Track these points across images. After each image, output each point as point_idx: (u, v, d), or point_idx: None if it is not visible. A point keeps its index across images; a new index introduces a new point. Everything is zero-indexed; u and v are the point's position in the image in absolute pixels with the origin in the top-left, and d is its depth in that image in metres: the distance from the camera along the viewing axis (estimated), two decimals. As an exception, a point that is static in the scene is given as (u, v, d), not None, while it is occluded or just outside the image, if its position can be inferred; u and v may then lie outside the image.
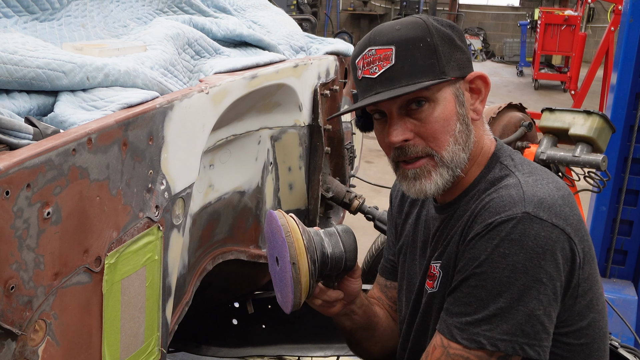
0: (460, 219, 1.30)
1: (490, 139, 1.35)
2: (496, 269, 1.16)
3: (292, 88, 1.79)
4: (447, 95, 1.25)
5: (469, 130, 1.28)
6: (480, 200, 1.25)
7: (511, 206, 1.18)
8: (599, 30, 13.51)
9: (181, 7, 1.76)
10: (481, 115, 1.31)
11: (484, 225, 1.19)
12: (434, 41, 1.23)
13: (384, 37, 1.24)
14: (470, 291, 1.19)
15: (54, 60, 1.04)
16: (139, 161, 1.09)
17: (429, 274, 1.36)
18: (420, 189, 1.28)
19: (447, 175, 1.27)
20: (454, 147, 1.26)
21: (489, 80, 1.31)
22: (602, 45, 6.49)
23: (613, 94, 3.33)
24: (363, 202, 2.20)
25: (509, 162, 1.31)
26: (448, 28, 1.27)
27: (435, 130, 1.24)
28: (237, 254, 1.75)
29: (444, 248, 1.33)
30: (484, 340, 1.16)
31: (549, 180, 1.25)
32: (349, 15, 16.77)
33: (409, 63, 1.22)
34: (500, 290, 1.15)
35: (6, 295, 0.82)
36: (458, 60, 1.26)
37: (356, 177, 2.64)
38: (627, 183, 3.31)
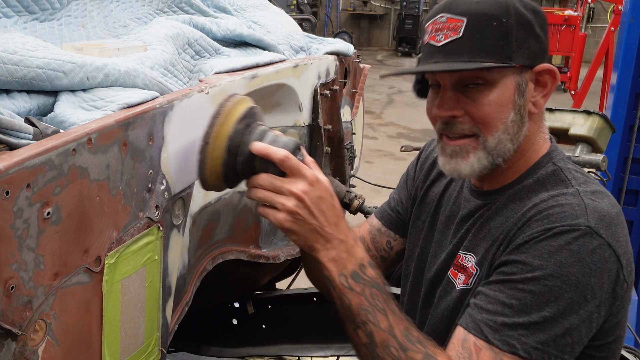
0: (499, 213, 1.26)
1: (545, 138, 1.31)
2: (550, 276, 1.12)
3: (292, 88, 1.79)
4: (507, 82, 1.20)
5: (522, 122, 1.23)
6: (533, 205, 1.20)
7: (574, 217, 1.14)
8: (599, 30, 13.52)
9: (181, 7, 1.76)
10: (541, 109, 1.26)
11: (541, 229, 1.15)
12: (510, 23, 1.18)
13: (460, 7, 1.19)
14: (515, 293, 1.14)
15: (54, 60, 1.04)
16: (139, 161, 1.09)
17: (456, 263, 1.31)
18: (454, 168, 1.26)
19: (486, 161, 1.23)
20: (502, 135, 1.22)
21: (558, 77, 1.25)
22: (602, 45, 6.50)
23: (613, 94, 3.34)
24: (363, 202, 2.20)
25: (563, 166, 1.27)
26: (531, 13, 1.21)
27: (486, 113, 1.20)
28: (237, 254, 1.75)
29: (478, 241, 1.28)
30: (518, 344, 1.12)
31: (604, 194, 1.22)
32: (349, 15, 16.77)
33: (476, 39, 1.17)
34: (548, 299, 1.12)
35: (6, 295, 0.82)
36: (531, 48, 1.20)
37: (356, 177, 2.64)
38: (627, 183, 3.31)
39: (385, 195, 1.74)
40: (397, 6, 15.95)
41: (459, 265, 1.31)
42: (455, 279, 1.31)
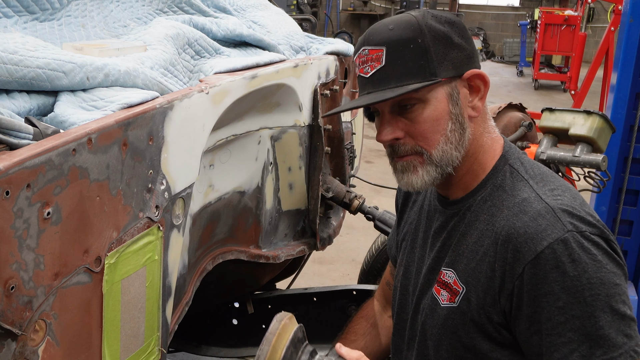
0: (473, 227, 1.28)
1: (493, 137, 1.34)
2: (576, 293, 1.13)
3: (292, 88, 1.79)
4: (438, 95, 1.25)
5: (462, 128, 1.28)
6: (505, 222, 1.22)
7: (551, 228, 1.16)
8: (599, 30, 13.51)
9: (181, 7, 1.76)
10: (480, 112, 1.30)
11: (534, 257, 1.16)
12: (426, 42, 1.23)
13: (377, 38, 1.25)
14: (564, 327, 1.15)
15: (54, 60, 1.04)
16: (139, 161, 1.09)
17: (439, 280, 1.33)
18: (407, 182, 1.30)
19: (435, 173, 1.28)
20: (444, 146, 1.26)
21: (487, 79, 1.29)
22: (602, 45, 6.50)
23: (613, 94, 3.33)
24: (363, 202, 2.20)
25: (518, 166, 1.30)
26: (446, 25, 1.25)
27: (424, 130, 1.25)
28: (237, 254, 1.75)
29: (457, 257, 1.30)
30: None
31: (563, 188, 1.25)
32: (349, 15, 16.77)
33: (398, 65, 1.23)
34: (591, 311, 1.13)
35: (6, 295, 0.82)
36: (453, 59, 1.25)
37: (356, 177, 2.64)
38: (627, 183, 3.31)
39: (385, 195, 1.74)
40: (397, 6, 15.95)
41: (441, 282, 1.33)
42: (438, 295, 1.33)
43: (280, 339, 1.23)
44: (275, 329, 1.23)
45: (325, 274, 4.34)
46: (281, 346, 1.22)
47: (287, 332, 1.23)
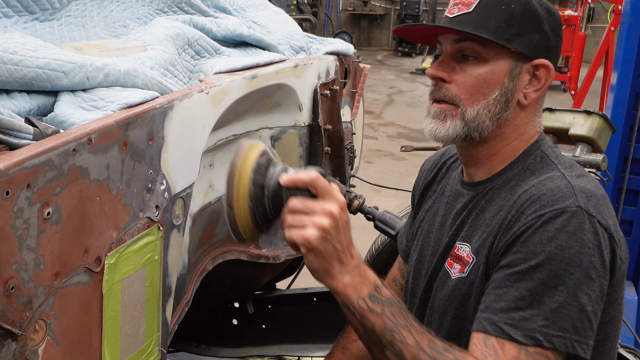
0: (492, 202, 1.29)
1: (536, 130, 1.35)
2: (553, 261, 1.14)
3: (292, 88, 1.79)
4: (501, 63, 1.27)
5: (506, 105, 1.28)
6: (524, 191, 1.23)
7: (563, 199, 1.17)
8: (599, 30, 13.51)
9: (181, 7, 1.76)
10: (531, 101, 1.30)
11: (535, 216, 1.18)
12: (517, 10, 1.25)
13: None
14: (524, 285, 1.16)
15: (54, 60, 1.04)
16: (139, 161, 1.09)
17: (453, 254, 1.33)
18: (432, 129, 1.32)
19: (461, 130, 1.28)
20: (481, 109, 1.27)
21: (552, 74, 1.30)
22: (602, 45, 6.50)
23: (613, 94, 3.33)
24: (363, 202, 2.20)
25: (550, 153, 1.31)
26: (544, 10, 1.28)
27: (471, 85, 1.27)
28: (237, 254, 1.75)
29: (473, 231, 1.31)
30: (540, 336, 1.13)
31: (589, 178, 1.26)
32: (349, 15, 16.77)
33: (482, 16, 1.25)
34: (556, 284, 1.14)
35: (6, 295, 0.83)
36: (533, 40, 1.27)
37: (356, 177, 2.64)
38: (627, 183, 3.31)
39: (385, 195, 1.74)
40: (397, 6, 15.95)
41: (455, 256, 1.34)
42: (450, 269, 1.34)
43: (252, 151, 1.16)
44: (247, 144, 1.17)
45: (325, 274, 4.33)
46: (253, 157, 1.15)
47: (250, 158, 1.16)
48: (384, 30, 16.98)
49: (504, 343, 1.15)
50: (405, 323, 1.16)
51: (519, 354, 1.14)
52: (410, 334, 1.15)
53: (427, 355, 1.14)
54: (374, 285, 1.16)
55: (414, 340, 1.15)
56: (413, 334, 1.16)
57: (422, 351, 1.15)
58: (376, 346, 1.17)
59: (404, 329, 1.15)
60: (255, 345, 2.40)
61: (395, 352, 1.15)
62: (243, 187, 1.12)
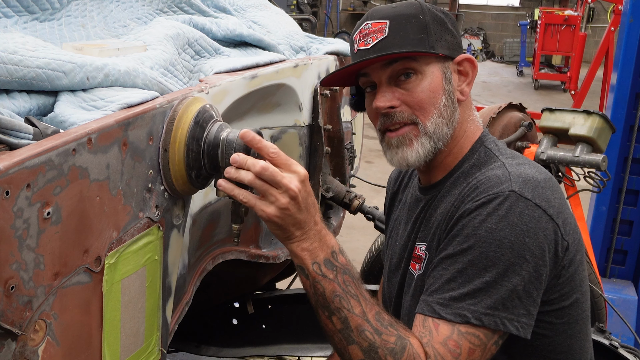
0: (443, 200, 1.34)
1: (476, 125, 1.40)
2: (483, 243, 1.18)
3: (292, 88, 1.79)
4: (434, 70, 1.32)
5: (454, 106, 1.34)
6: (467, 184, 1.28)
7: (498, 184, 1.22)
8: (599, 30, 13.51)
9: (181, 7, 1.76)
10: (467, 96, 1.37)
11: (471, 203, 1.22)
12: (426, 19, 1.32)
13: (380, 13, 1.33)
14: (456, 266, 1.20)
15: (54, 60, 1.04)
16: (139, 161, 1.09)
17: (414, 255, 1.38)
18: (402, 157, 1.34)
19: (429, 146, 1.32)
20: (437, 119, 1.31)
21: (476, 64, 1.38)
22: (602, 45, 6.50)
23: (613, 94, 3.34)
24: (363, 202, 2.20)
25: (493, 147, 1.36)
26: (441, 13, 1.36)
27: (421, 100, 1.31)
28: (237, 254, 1.75)
29: (428, 230, 1.35)
30: (468, 314, 1.17)
31: (531, 164, 1.30)
32: (349, 15, 16.77)
33: (400, 35, 1.30)
34: (486, 265, 1.17)
35: (6, 295, 0.82)
36: (448, 41, 1.34)
37: (356, 177, 2.64)
38: (627, 183, 3.32)
39: (385, 195, 1.75)
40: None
41: (415, 257, 1.38)
42: (414, 270, 1.38)
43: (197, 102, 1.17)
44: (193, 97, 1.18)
45: (325, 274, 4.33)
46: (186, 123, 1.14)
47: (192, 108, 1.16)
48: (384, 30, 16.97)
49: (439, 323, 1.20)
50: (355, 292, 1.19)
51: (451, 333, 1.18)
52: (358, 303, 1.19)
53: (371, 325, 1.18)
54: (332, 252, 1.20)
55: (361, 310, 1.19)
56: (361, 304, 1.19)
57: (367, 321, 1.18)
58: (323, 311, 1.20)
59: (353, 298, 1.19)
60: (255, 345, 2.40)
61: (341, 318, 1.18)
62: (182, 131, 1.14)
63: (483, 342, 1.18)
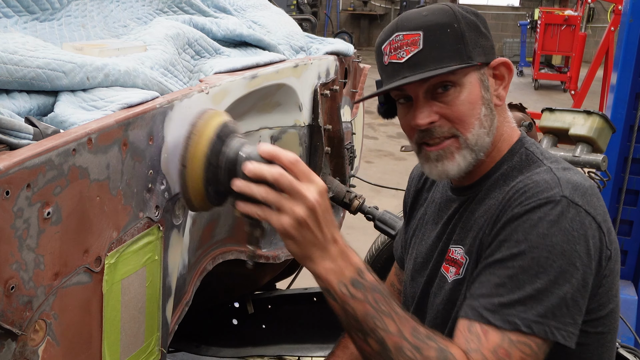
0: (483, 203, 1.30)
1: (512, 127, 1.37)
2: (535, 249, 1.14)
3: (292, 88, 1.79)
4: (472, 80, 1.27)
5: (493, 114, 1.30)
6: (511, 187, 1.24)
7: (549, 190, 1.18)
8: (599, 30, 13.51)
9: (181, 7, 1.76)
10: (504, 101, 1.34)
11: (520, 207, 1.18)
12: (461, 27, 1.26)
13: (412, 23, 1.26)
14: (505, 272, 1.16)
15: (54, 60, 1.04)
16: (139, 161, 1.09)
17: (448, 257, 1.34)
18: (442, 170, 1.30)
19: (470, 158, 1.29)
20: (479, 130, 1.28)
21: (512, 67, 1.34)
22: (602, 45, 6.50)
23: (613, 94, 3.34)
24: (363, 202, 2.20)
25: (534, 149, 1.33)
26: (473, 15, 1.30)
27: (461, 113, 1.26)
28: (237, 254, 1.75)
29: (465, 233, 1.31)
30: (518, 321, 1.13)
31: (575, 170, 1.27)
32: (349, 15, 16.77)
33: (436, 48, 1.24)
34: (537, 271, 1.14)
35: (6, 295, 0.82)
36: (483, 46, 1.29)
37: (356, 177, 2.64)
38: (627, 183, 3.31)
39: (385, 195, 1.75)
40: (397, 6, 15.94)
41: (450, 259, 1.34)
42: (447, 272, 1.34)
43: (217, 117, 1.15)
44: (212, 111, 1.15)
45: (325, 274, 4.33)
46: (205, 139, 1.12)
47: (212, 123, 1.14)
48: (384, 30, 16.97)
49: (487, 330, 1.15)
50: (388, 310, 1.14)
51: (501, 341, 1.14)
52: (392, 321, 1.13)
53: (409, 343, 1.13)
54: (357, 270, 1.14)
55: (397, 328, 1.13)
56: (395, 322, 1.14)
57: (404, 339, 1.13)
58: (357, 333, 1.15)
59: (386, 316, 1.13)
60: (255, 345, 2.40)
61: (378, 340, 1.13)
62: (200, 147, 1.11)
63: (535, 352, 1.13)
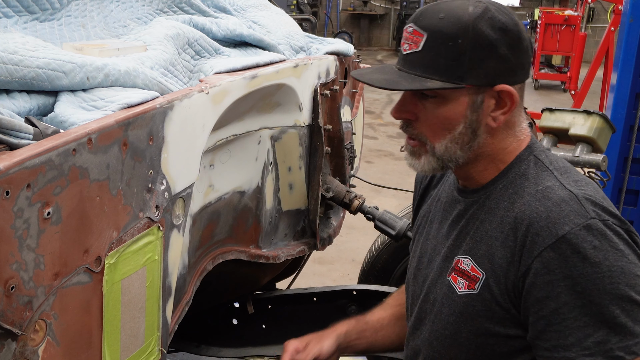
0: (493, 213, 1.28)
1: (519, 138, 1.32)
2: (595, 279, 1.13)
3: (292, 88, 1.79)
4: (460, 98, 1.24)
5: (474, 134, 1.27)
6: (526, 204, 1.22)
7: (574, 213, 1.17)
8: (599, 30, 13.51)
9: (181, 7, 1.76)
10: (500, 124, 1.27)
11: (555, 240, 1.16)
12: (465, 45, 1.20)
13: (425, 21, 1.26)
14: (580, 311, 1.15)
15: (54, 60, 1.04)
16: (139, 161, 1.09)
17: (456, 268, 1.32)
18: (410, 164, 1.34)
19: (435, 164, 1.30)
20: (449, 143, 1.27)
21: (516, 99, 1.25)
22: (602, 45, 6.50)
23: (613, 94, 3.34)
24: (363, 202, 2.20)
25: (543, 158, 1.31)
26: (498, 32, 1.21)
27: (433, 124, 1.27)
28: (237, 254, 1.75)
29: (475, 245, 1.30)
30: (620, 352, 1.13)
31: (585, 181, 1.26)
32: (349, 15, 16.76)
33: (431, 56, 1.23)
34: (609, 299, 1.13)
35: (6, 295, 0.83)
36: (489, 68, 1.22)
37: (356, 177, 2.64)
38: (627, 183, 3.31)
39: (385, 195, 1.75)
40: (397, 6, 15.94)
41: (459, 270, 1.32)
42: (455, 283, 1.32)
43: None
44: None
45: (325, 274, 4.34)
46: None
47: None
48: (384, 30, 16.98)
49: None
50: None
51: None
52: None
53: None
54: None
55: None
56: None
57: None
58: None
59: None
60: (255, 345, 2.40)
61: None
62: None
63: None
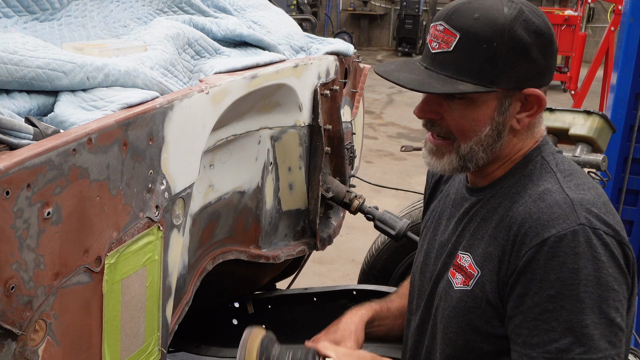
0: (495, 212, 1.29)
1: (535, 139, 1.32)
2: (570, 285, 1.13)
3: (292, 88, 1.79)
4: (488, 101, 1.23)
5: (499, 136, 1.26)
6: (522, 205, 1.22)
7: (564, 218, 1.16)
8: (599, 30, 13.51)
9: (181, 7, 1.76)
10: (524, 126, 1.28)
11: (539, 241, 1.16)
12: (501, 47, 1.19)
13: (458, 20, 1.21)
14: (550, 315, 1.15)
15: (54, 60, 1.04)
16: (139, 161, 1.09)
17: (455, 263, 1.33)
18: (429, 163, 1.33)
19: (457, 164, 1.29)
20: (474, 145, 1.27)
21: (543, 102, 1.25)
22: (602, 45, 6.50)
23: (613, 94, 3.33)
24: (363, 202, 2.20)
25: (550, 159, 1.30)
26: (532, 36, 1.20)
27: (461, 126, 1.26)
28: (237, 254, 1.75)
29: (475, 242, 1.30)
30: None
31: (589, 185, 1.24)
32: (349, 15, 16.76)
33: (464, 58, 1.20)
34: (581, 307, 1.12)
35: (6, 295, 0.83)
36: (521, 72, 1.21)
37: (356, 177, 2.64)
38: (627, 183, 3.31)
39: (385, 195, 1.75)
40: (397, 6, 15.94)
41: (457, 266, 1.33)
42: (453, 278, 1.33)
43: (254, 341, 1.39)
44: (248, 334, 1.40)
45: (325, 274, 4.34)
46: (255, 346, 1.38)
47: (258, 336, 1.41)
48: (384, 30, 16.98)
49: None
50: None
51: None
52: None
53: None
54: None
55: None
56: None
57: None
58: None
59: None
60: (255, 345, 2.40)
61: None
62: None
63: None
